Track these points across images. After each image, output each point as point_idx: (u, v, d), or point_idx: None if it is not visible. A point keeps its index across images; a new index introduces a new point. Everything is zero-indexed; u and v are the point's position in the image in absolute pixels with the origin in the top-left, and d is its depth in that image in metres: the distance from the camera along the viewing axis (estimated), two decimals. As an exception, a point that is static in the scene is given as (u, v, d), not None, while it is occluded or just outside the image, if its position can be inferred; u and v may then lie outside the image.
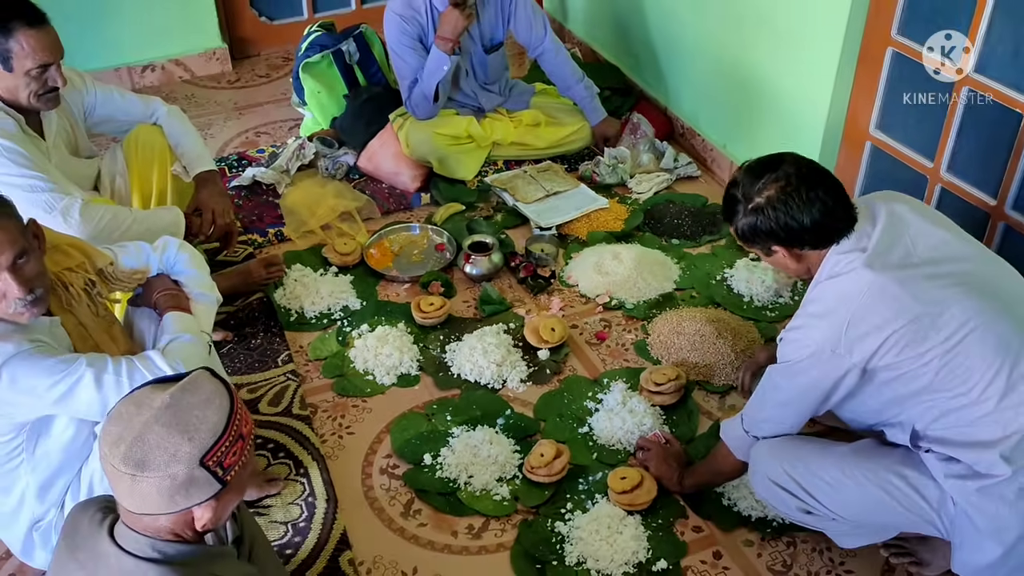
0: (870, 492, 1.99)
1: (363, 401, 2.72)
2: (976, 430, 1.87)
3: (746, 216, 1.97)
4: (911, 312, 1.85)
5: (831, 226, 1.93)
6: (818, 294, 1.97)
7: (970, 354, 1.84)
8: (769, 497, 2.13)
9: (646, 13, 3.86)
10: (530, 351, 2.85)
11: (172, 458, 1.42)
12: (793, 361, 1.97)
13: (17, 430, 1.96)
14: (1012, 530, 1.88)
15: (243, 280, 3.04)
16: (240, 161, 3.75)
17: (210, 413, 1.46)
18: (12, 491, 2.04)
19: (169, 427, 1.43)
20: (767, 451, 2.11)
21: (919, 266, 1.91)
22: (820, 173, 1.95)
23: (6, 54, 2.39)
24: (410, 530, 2.36)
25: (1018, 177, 2.55)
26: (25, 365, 1.85)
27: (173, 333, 2.09)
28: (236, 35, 4.55)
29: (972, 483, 1.88)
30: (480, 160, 3.60)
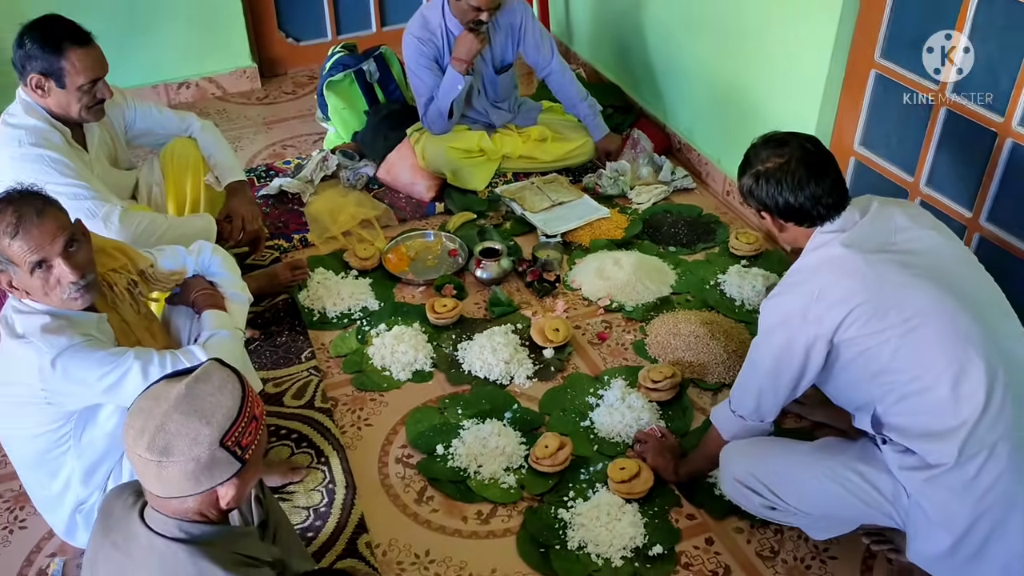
0: (828, 487, 1.98)
1: (380, 395, 2.70)
2: (930, 419, 1.85)
3: (747, 178, 1.99)
4: (874, 289, 1.84)
5: (813, 211, 1.93)
6: (796, 267, 1.98)
7: (927, 339, 1.82)
8: (736, 496, 2.13)
9: (646, 36, 3.84)
10: (536, 350, 2.83)
11: (194, 442, 1.42)
12: (769, 328, 1.97)
13: (66, 418, 1.96)
14: (961, 520, 1.85)
15: (270, 282, 3.03)
16: (268, 172, 3.74)
17: (224, 398, 1.47)
18: (58, 475, 2.05)
19: (188, 414, 1.43)
20: (734, 453, 2.11)
21: (894, 254, 1.90)
22: (821, 161, 1.93)
23: (59, 72, 2.40)
24: (423, 515, 2.35)
25: (992, 191, 2.53)
26: (78, 357, 1.86)
27: (212, 329, 2.10)
28: (265, 55, 4.54)
29: (922, 474, 1.86)
30: (491, 172, 3.58)
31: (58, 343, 1.85)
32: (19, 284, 1.87)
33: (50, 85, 2.42)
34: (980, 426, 1.80)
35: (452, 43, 3.34)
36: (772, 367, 1.98)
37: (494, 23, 3.40)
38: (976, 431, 1.80)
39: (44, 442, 1.99)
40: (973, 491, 1.82)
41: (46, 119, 2.46)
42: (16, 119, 2.45)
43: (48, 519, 2.18)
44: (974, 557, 1.89)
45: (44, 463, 2.03)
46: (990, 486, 1.82)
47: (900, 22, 2.67)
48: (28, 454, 2.04)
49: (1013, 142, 2.43)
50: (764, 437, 2.12)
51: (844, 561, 2.22)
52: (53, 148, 2.42)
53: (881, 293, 1.84)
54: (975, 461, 1.81)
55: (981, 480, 1.82)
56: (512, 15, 3.45)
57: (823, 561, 2.22)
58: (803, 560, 2.22)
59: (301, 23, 4.57)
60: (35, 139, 2.41)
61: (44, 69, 2.39)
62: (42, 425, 1.96)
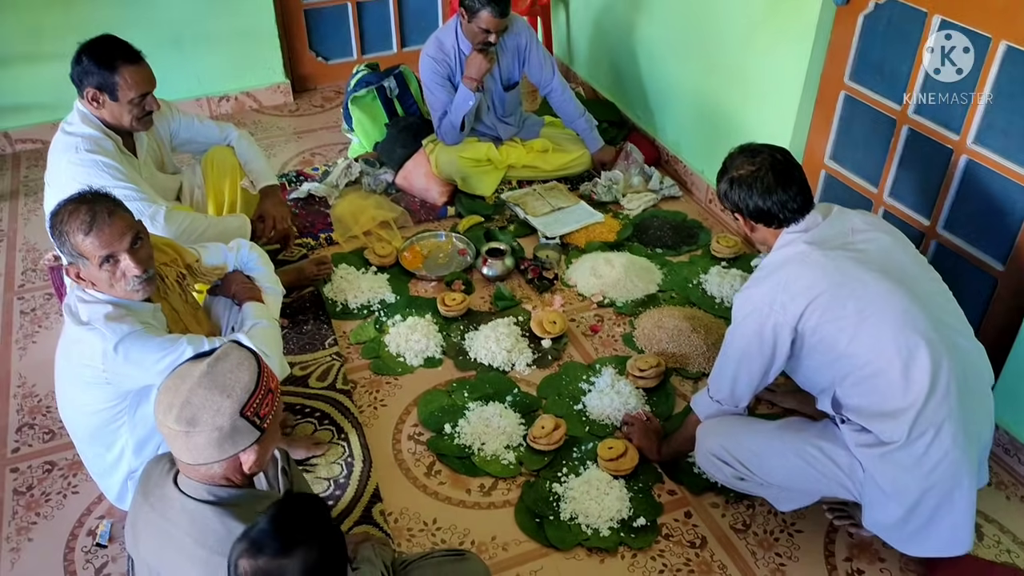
0: (791, 460, 2.00)
1: (395, 379, 2.72)
2: (882, 400, 1.86)
3: (723, 183, 2.02)
4: (833, 281, 1.86)
5: (780, 214, 1.95)
6: (764, 263, 2.01)
7: (880, 328, 1.84)
8: (710, 468, 2.14)
9: (638, 59, 3.85)
10: (535, 340, 2.84)
11: (217, 413, 1.44)
12: (741, 317, 1.99)
13: (122, 397, 1.98)
14: (911, 493, 1.87)
15: (297, 276, 3.05)
16: (298, 177, 3.76)
17: (242, 374, 1.49)
18: (114, 447, 2.07)
19: (210, 389, 1.46)
20: (709, 430, 2.12)
21: (851, 251, 1.93)
22: (788, 170, 1.95)
23: (113, 87, 2.42)
24: (432, 487, 2.36)
25: (948, 202, 2.53)
26: (138, 343, 1.88)
27: (254, 319, 2.13)
28: (297, 72, 4.55)
29: (876, 450, 1.88)
30: (497, 179, 3.59)
31: (120, 330, 1.87)
32: (86, 276, 1.90)
33: (104, 98, 2.44)
34: (927, 407, 1.82)
35: (464, 63, 3.35)
36: (744, 353, 1.99)
37: (502, 45, 3.41)
38: (924, 412, 1.82)
39: (102, 417, 2.01)
40: (922, 467, 1.84)
41: (100, 128, 2.48)
42: (73, 128, 2.47)
43: (102, 486, 2.21)
44: (924, 527, 1.91)
45: (101, 436, 2.05)
46: (937, 462, 1.84)
47: (867, 48, 2.67)
48: (87, 428, 2.06)
49: (967, 158, 2.43)
50: (737, 417, 2.13)
51: (809, 534, 2.23)
52: (106, 154, 2.44)
53: (839, 285, 1.86)
54: (923, 439, 1.83)
55: (929, 457, 1.84)
56: (518, 37, 3.46)
57: (790, 534, 2.23)
58: (772, 533, 2.24)
59: (330, 44, 4.58)
60: (90, 146, 2.43)
61: (99, 84, 2.41)
62: (101, 402, 1.98)
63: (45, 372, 2.60)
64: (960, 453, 1.85)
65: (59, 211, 1.88)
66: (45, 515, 2.29)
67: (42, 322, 2.96)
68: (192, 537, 1.46)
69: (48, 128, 4.00)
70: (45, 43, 3.76)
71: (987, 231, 2.44)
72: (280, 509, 1.33)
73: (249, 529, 1.31)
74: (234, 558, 1.28)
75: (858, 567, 2.15)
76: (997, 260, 2.43)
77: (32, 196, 3.68)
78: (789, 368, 2.03)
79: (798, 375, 2.05)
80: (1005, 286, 2.40)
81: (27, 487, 2.36)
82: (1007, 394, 2.36)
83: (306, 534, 1.29)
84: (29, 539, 2.23)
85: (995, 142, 2.35)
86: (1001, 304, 2.42)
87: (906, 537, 1.95)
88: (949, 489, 1.87)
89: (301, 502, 1.36)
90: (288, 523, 1.30)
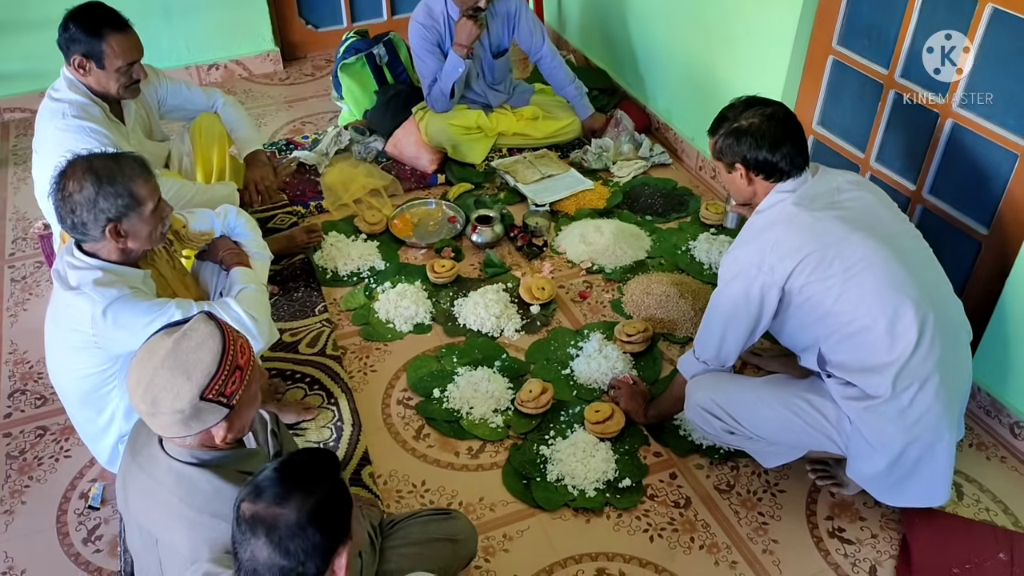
0: (780, 412, 2.02)
1: (384, 345, 2.73)
2: (868, 355, 1.89)
3: (726, 135, 2.00)
4: (820, 241, 1.89)
5: (785, 168, 1.96)
6: (751, 223, 2.01)
7: (866, 286, 1.86)
8: (700, 421, 2.14)
9: (629, 26, 3.82)
10: (524, 306, 2.86)
11: (176, 397, 1.42)
12: (728, 278, 2.00)
13: (113, 361, 1.98)
14: (895, 445, 1.91)
15: (288, 244, 3.06)
16: (288, 145, 3.74)
17: (204, 354, 1.44)
18: (104, 411, 2.08)
19: (172, 371, 1.43)
20: (699, 384, 2.13)
21: (837, 210, 1.95)
22: (796, 125, 1.98)
23: (100, 55, 2.41)
24: (420, 450, 2.39)
25: (934, 167, 2.53)
26: (127, 307, 1.88)
27: (241, 283, 2.12)
28: (287, 40, 4.52)
29: (862, 403, 1.91)
30: (487, 147, 3.58)
31: (109, 294, 1.87)
32: (128, 229, 1.89)
33: (91, 66, 2.42)
34: (912, 362, 1.85)
35: (453, 29, 3.33)
36: (731, 313, 2.00)
37: (491, 11, 3.38)
38: (908, 366, 1.86)
39: (92, 382, 2.01)
40: (906, 419, 1.88)
41: (87, 94, 2.46)
42: (60, 94, 2.46)
43: (93, 449, 2.22)
44: (905, 477, 1.96)
45: (92, 400, 2.05)
46: (920, 415, 1.88)
47: (855, 13, 2.66)
48: (78, 392, 2.06)
49: (953, 122, 2.43)
50: (725, 373, 2.14)
51: (791, 494, 2.26)
52: (94, 120, 2.42)
53: (826, 245, 1.88)
54: (908, 392, 1.87)
55: (913, 410, 1.88)
56: (507, 3, 3.43)
57: (773, 494, 2.26)
58: (755, 493, 2.26)
59: (319, 11, 4.54)
60: (77, 112, 2.41)
61: (86, 51, 2.40)
62: (91, 367, 1.98)
63: (36, 339, 2.59)
64: (942, 407, 1.89)
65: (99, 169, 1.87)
66: (38, 479, 2.31)
67: (32, 290, 2.97)
68: (179, 497, 1.47)
69: (36, 97, 3.95)
70: (31, 9, 3.72)
71: (972, 195, 2.45)
72: (289, 458, 1.33)
73: (258, 473, 1.31)
74: (239, 500, 1.29)
75: (839, 526, 2.19)
76: (981, 224, 2.44)
77: (21, 165, 3.66)
78: (773, 328, 2.05)
79: (783, 334, 2.07)
80: (989, 249, 2.42)
81: (20, 451, 2.39)
82: (988, 356, 2.39)
83: (307, 486, 1.27)
84: (23, 502, 2.25)
85: (980, 106, 2.35)
86: (985, 267, 2.44)
87: (887, 488, 2.00)
88: (931, 442, 1.91)
89: (312, 454, 1.35)
90: (292, 473, 1.29)
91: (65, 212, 1.86)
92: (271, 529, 1.24)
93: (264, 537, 1.24)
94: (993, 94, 2.30)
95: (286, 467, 1.30)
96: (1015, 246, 2.26)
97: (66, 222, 1.87)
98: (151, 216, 1.92)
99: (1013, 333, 2.29)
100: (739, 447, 2.17)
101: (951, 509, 2.21)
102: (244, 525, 1.25)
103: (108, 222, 1.86)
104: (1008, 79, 2.25)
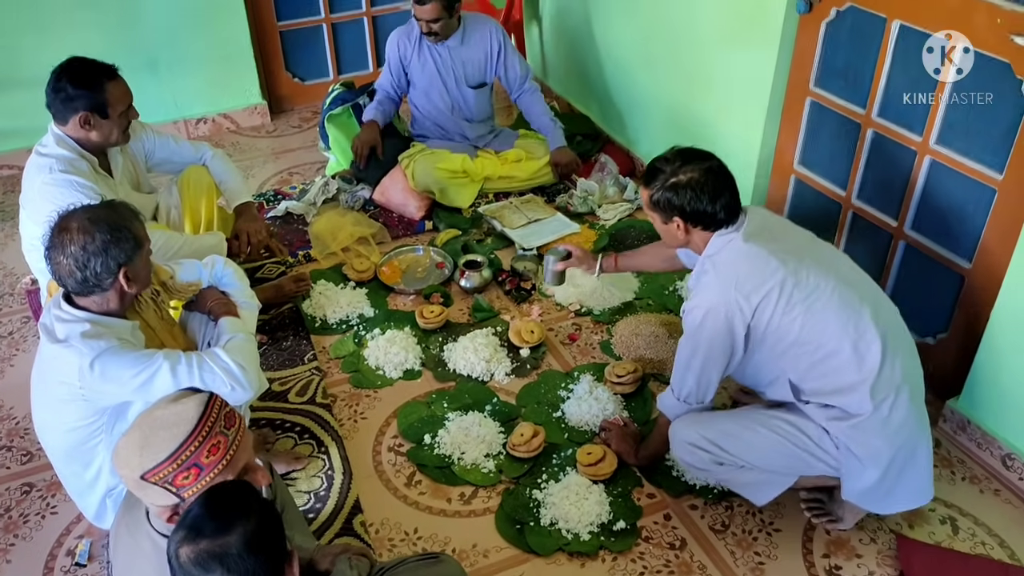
0: (765, 435, 2.06)
1: (374, 392, 2.72)
2: (839, 377, 1.97)
3: (668, 187, 2.03)
4: (780, 273, 1.95)
5: (724, 218, 2.03)
6: (708, 267, 2.05)
7: (826, 312, 1.95)
8: (687, 457, 2.15)
9: (611, 73, 3.89)
10: (514, 350, 2.86)
11: (125, 463, 1.42)
12: (697, 324, 2.02)
13: (99, 414, 1.96)
14: (884, 456, 1.98)
15: (276, 293, 3.05)
16: (276, 196, 3.76)
17: (163, 436, 1.41)
18: (91, 465, 2.05)
19: (134, 434, 1.43)
20: (683, 423, 2.16)
21: (781, 243, 2.03)
22: (729, 177, 2.05)
23: (103, 105, 2.45)
24: (412, 497, 2.36)
25: (914, 203, 2.57)
26: (114, 359, 1.86)
27: (230, 333, 2.11)
28: (274, 93, 4.57)
29: (846, 423, 1.97)
30: (474, 192, 3.61)
31: (97, 346, 1.85)
32: (133, 272, 1.91)
33: (96, 119, 2.45)
34: (882, 375, 1.94)
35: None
36: (707, 354, 2.04)
37: (464, 38, 3.47)
38: (879, 380, 1.94)
39: (79, 435, 1.99)
40: (889, 428, 1.96)
41: (75, 149, 2.48)
42: (47, 149, 2.48)
43: (80, 504, 2.18)
44: (895, 483, 2.03)
45: (79, 454, 2.03)
46: (901, 423, 1.97)
47: (831, 55, 2.72)
48: (64, 445, 2.04)
49: (931, 159, 2.47)
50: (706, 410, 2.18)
51: (787, 532, 2.24)
52: (81, 174, 2.43)
53: (784, 276, 1.95)
54: (886, 403, 1.95)
55: (893, 419, 1.96)
56: (484, 35, 3.50)
57: (769, 533, 2.24)
58: (751, 532, 2.25)
59: (306, 65, 4.60)
60: (64, 167, 2.42)
61: (90, 105, 2.42)
62: (78, 420, 1.96)
63: (22, 394, 2.56)
64: (916, 409, 2.01)
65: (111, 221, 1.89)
66: (24, 536, 2.27)
67: (19, 345, 2.95)
68: (155, 568, 1.43)
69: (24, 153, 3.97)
70: (21, 68, 3.75)
71: (953, 230, 2.48)
72: (209, 495, 1.32)
73: (183, 519, 1.30)
74: (173, 550, 1.26)
75: (835, 563, 2.17)
76: (963, 258, 2.47)
77: (8, 221, 3.67)
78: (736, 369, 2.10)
79: (745, 374, 2.13)
80: (972, 283, 2.44)
81: (5, 509, 2.35)
82: (977, 389, 2.39)
83: (240, 510, 1.29)
84: (7, 561, 2.21)
85: (957, 142, 2.39)
86: (969, 301, 2.46)
87: (879, 498, 2.06)
88: (913, 446, 2.01)
89: (227, 487, 1.35)
90: (220, 504, 1.30)
91: (73, 268, 1.84)
92: (223, 559, 1.24)
93: (219, 569, 1.23)
94: (968, 131, 2.35)
95: (213, 500, 1.31)
96: (998, 279, 2.28)
97: (75, 277, 1.85)
98: (148, 256, 1.96)
99: (1001, 365, 2.31)
100: (729, 482, 2.17)
101: (947, 543, 2.20)
102: (194, 568, 1.24)
103: (119, 268, 1.87)
104: (982, 116, 2.30)
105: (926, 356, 2.62)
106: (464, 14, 3.49)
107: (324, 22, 4.51)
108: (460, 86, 3.56)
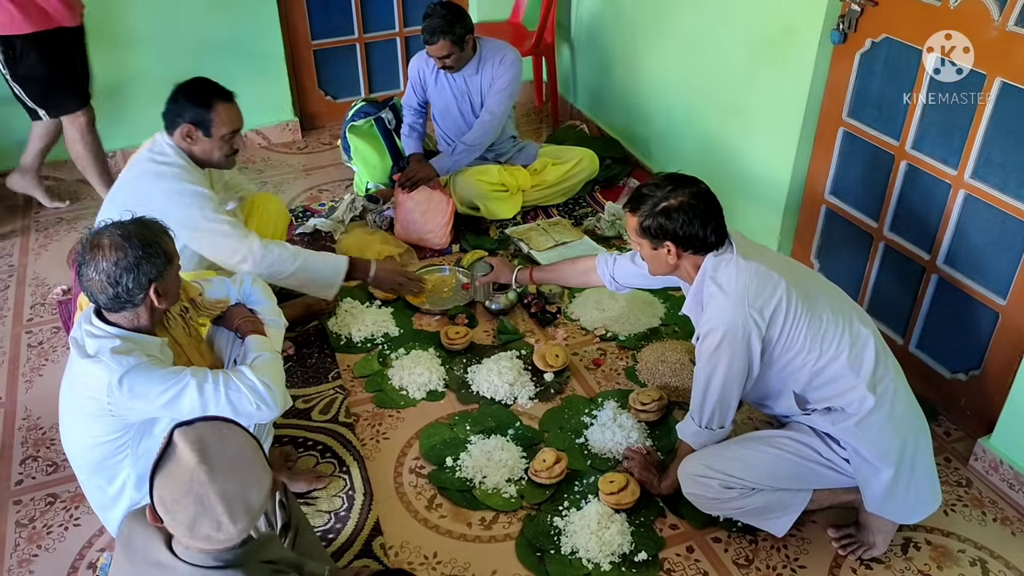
0: (769, 452, 2.11)
1: (397, 412, 2.71)
2: (842, 381, 2.02)
3: (656, 212, 2.03)
4: (783, 285, 2.00)
5: (714, 241, 2.05)
6: (714, 290, 2.04)
7: (823, 318, 2.01)
8: (696, 488, 2.17)
9: (641, 97, 3.89)
10: (538, 374, 2.84)
11: None
12: (715, 346, 2.03)
13: (126, 430, 1.96)
14: (892, 449, 2.01)
15: (303, 311, 3.06)
16: (305, 212, 3.79)
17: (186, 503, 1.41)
18: (115, 480, 2.05)
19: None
20: (688, 459, 2.20)
21: (768, 260, 2.07)
22: (716, 201, 2.07)
23: (208, 123, 2.52)
24: (432, 520, 2.35)
25: (948, 236, 2.53)
26: (143, 375, 1.87)
27: (257, 351, 2.11)
28: (306, 111, 4.62)
29: (852, 421, 2.01)
30: (518, 203, 3.63)
31: (126, 362, 1.86)
32: (163, 288, 1.92)
33: (198, 135, 2.52)
34: (878, 370, 2.02)
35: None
36: (725, 375, 2.06)
37: (480, 67, 3.44)
38: (876, 374, 2.01)
39: (105, 449, 1.99)
40: (893, 421, 2.01)
41: (188, 161, 2.57)
42: (166, 158, 2.54)
43: (103, 518, 2.18)
44: (911, 478, 2.06)
45: (104, 468, 2.03)
46: (903, 415, 2.03)
47: (864, 85, 2.70)
48: (89, 460, 2.04)
49: (965, 193, 2.44)
50: None
51: (812, 568, 2.20)
52: (201, 185, 2.55)
53: (788, 288, 2.00)
54: (887, 396, 2.02)
55: (896, 411, 2.03)
56: (499, 64, 3.43)
57: (793, 569, 2.20)
58: (775, 568, 2.21)
59: (338, 83, 4.66)
60: (190, 177, 2.52)
61: (194, 119, 2.50)
62: (104, 434, 1.96)
63: (50, 405, 2.60)
64: (911, 399, 2.09)
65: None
66: (47, 547, 2.28)
67: (49, 355, 2.98)
68: None
69: (56, 165, 4.06)
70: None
71: (987, 265, 2.44)
72: None
73: None
74: None
75: (862, 603, 2.13)
76: (998, 295, 2.42)
77: (43, 232, 3.72)
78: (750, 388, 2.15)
79: (755, 387, 2.14)
80: (1007, 320, 2.39)
81: (29, 519, 2.36)
82: (1010, 428, 2.34)
83: None
84: (30, 572, 2.22)
85: (992, 177, 2.36)
86: (1003, 338, 2.41)
87: (903, 496, 2.07)
88: (916, 437, 2.06)
89: None
90: None
91: (105, 284, 1.85)
92: None
93: None
94: (1004, 165, 2.31)
95: None
96: (1033, 316, 2.24)
97: (107, 293, 1.86)
98: (178, 272, 1.97)
99: (1034, 404, 2.26)
100: (743, 510, 2.16)
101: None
102: None
103: (150, 283, 1.88)
104: (1019, 150, 2.26)
105: (959, 393, 2.59)
106: (483, 41, 3.47)
107: (357, 41, 4.56)
108: (477, 111, 3.55)
